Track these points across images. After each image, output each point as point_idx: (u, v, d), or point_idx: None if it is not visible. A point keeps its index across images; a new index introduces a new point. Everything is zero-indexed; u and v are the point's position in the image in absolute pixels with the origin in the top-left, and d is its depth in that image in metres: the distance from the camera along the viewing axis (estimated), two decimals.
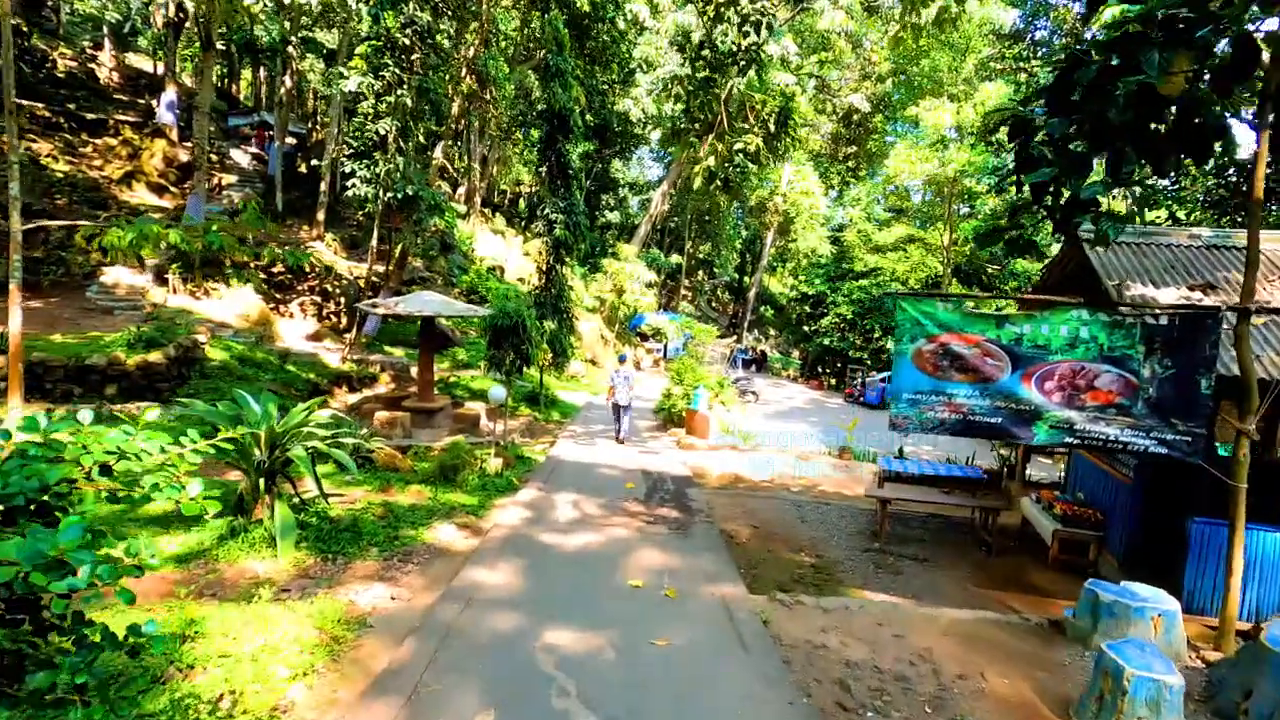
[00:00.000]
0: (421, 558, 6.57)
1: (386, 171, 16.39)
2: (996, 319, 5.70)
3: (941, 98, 28.35)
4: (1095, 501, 7.98)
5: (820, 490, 11.37)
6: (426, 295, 15.68)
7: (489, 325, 12.39)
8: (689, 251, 45.53)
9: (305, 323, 21.64)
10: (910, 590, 6.91)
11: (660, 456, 12.95)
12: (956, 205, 29.99)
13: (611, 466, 11.68)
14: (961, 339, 5.65)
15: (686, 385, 16.14)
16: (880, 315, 34.10)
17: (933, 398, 5.77)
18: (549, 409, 18.96)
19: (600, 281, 32.85)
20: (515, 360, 12.52)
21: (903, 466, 9.37)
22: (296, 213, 25.28)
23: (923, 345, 5.81)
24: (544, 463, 11.71)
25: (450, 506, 8.27)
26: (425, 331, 15.65)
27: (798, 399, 30.87)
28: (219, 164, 26.93)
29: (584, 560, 6.82)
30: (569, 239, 17.76)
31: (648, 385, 28.55)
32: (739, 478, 11.70)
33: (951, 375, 5.72)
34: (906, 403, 5.87)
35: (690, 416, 14.62)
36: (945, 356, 5.73)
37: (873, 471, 12.22)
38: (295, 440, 6.52)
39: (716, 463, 12.75)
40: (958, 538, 8.74)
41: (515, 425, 16.33)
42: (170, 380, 12.35)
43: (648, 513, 8.72)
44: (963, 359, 5.66)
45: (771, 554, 7.73)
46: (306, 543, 6.30)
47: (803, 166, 41.72)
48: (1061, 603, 6.55)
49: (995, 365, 5.58)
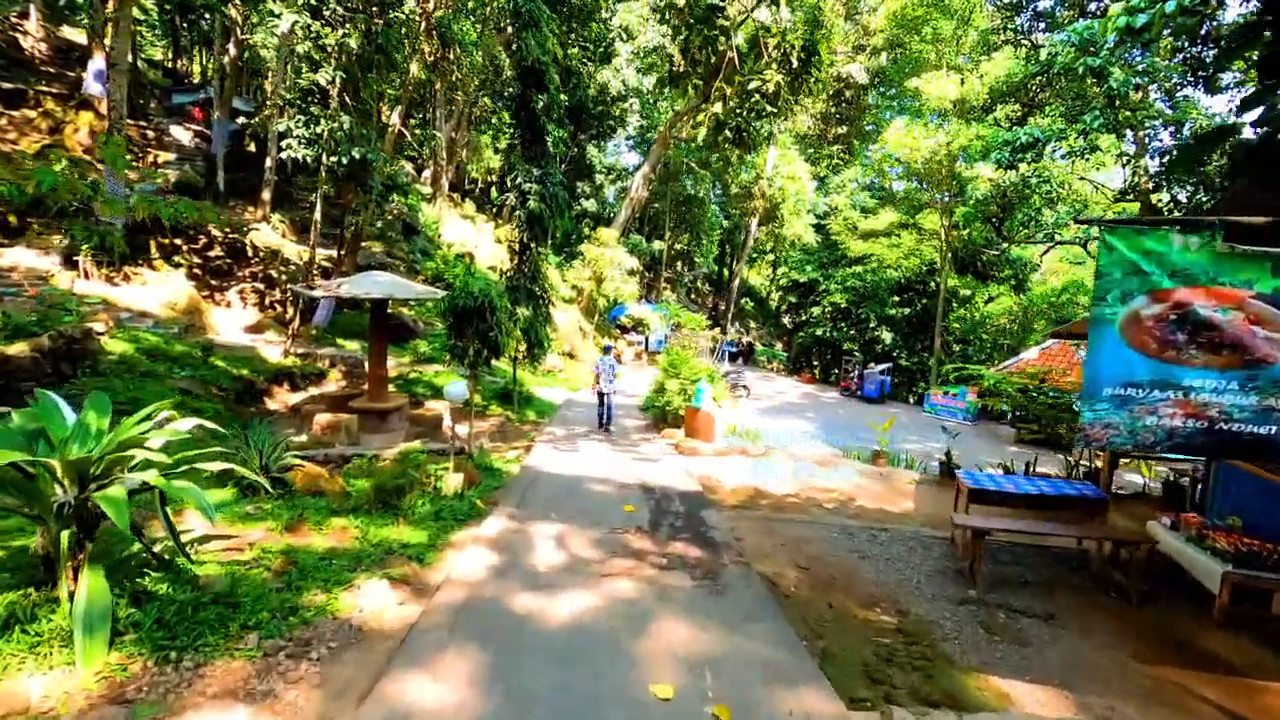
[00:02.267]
0: (326, 646, 4.23)
1: (330, 131, 13.86)
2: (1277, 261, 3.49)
3: (942, 69, 26.40)
4: (1260, 529, 5.91)
5: (859, 507, 9.21)
6: (377, 275, 13.30)
7: (448, 308, 10.03)
8: (668, 241, 43.26)
9: (245, 313, 19.27)
10: (1051, 669, 4.76)
11: (659, 465, 10.70)
12: (943, 193, 28.19)
13: (602, 480, 9.40)
14: (1212, 295, 3.46)
15: (684, 379, 13.90)
16: (875, 303, 32.18)
17: (1155, 393, 3.57)
18: (524, 408, 16.64)
19: (578, 269, 30.45)
20: (481, 351, 10.18)
21: (995, 483, 7.13)
22: (242, 194, 22.82)
23: (1142, 307, 3.60)
24: (517, 476, 9.40)
25: (386, 549, 5.93)
26: (377, 319, 13.30)
27: (790, 393, 28.83)
28: (156, 141, 24.31)
29: (578, 645, 4.53)
30: (544, 213, 15.41)
31: (630, 380, 26.28)
32: (759, 492, 9.49)
33: (1189, 357, 3.53)
34: (1111, 402, 3.65)
35: (691, 416, 12.37)
36: (1181, 325, 3.54)
37: (928, 481, 10.18)
38: (123, 468, 4.17)
39: (727, 471, 10.53)
40: (1069, 576, 6.60)
41: (485, 427, 14.01)
42: (43, 378, 9.79)
43: (658, 551, 6.46)
44: (1212, 329, 3.49)
45: (837, 613, 5.51)
46: (137, 632, 3.94)
47: (789, 150, 39.76)
48: (1276, 686, 4.47)
49: (1272, 339, 3.41)
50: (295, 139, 13.66)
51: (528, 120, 15.21)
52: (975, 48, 28.37)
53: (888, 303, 32.05)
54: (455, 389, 7.80)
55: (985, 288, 34.37)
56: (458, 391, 7.81)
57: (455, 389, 7.80)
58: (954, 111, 26.29)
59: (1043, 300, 31.88)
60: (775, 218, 38.74)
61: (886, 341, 32.14)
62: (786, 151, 39.11)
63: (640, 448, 12.26)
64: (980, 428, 23.68)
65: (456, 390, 7.79)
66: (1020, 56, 26.03)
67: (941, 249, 30.34)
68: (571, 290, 32.93)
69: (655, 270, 42.58)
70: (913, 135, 25.03)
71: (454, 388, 7.82)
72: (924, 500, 9.58)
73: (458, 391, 7.81)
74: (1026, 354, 21.90)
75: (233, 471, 5.10)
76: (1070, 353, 20.70)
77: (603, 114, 36.20)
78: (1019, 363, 21.72)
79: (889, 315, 31.92)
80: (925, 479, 10.55)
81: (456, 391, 7.79)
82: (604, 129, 39.16)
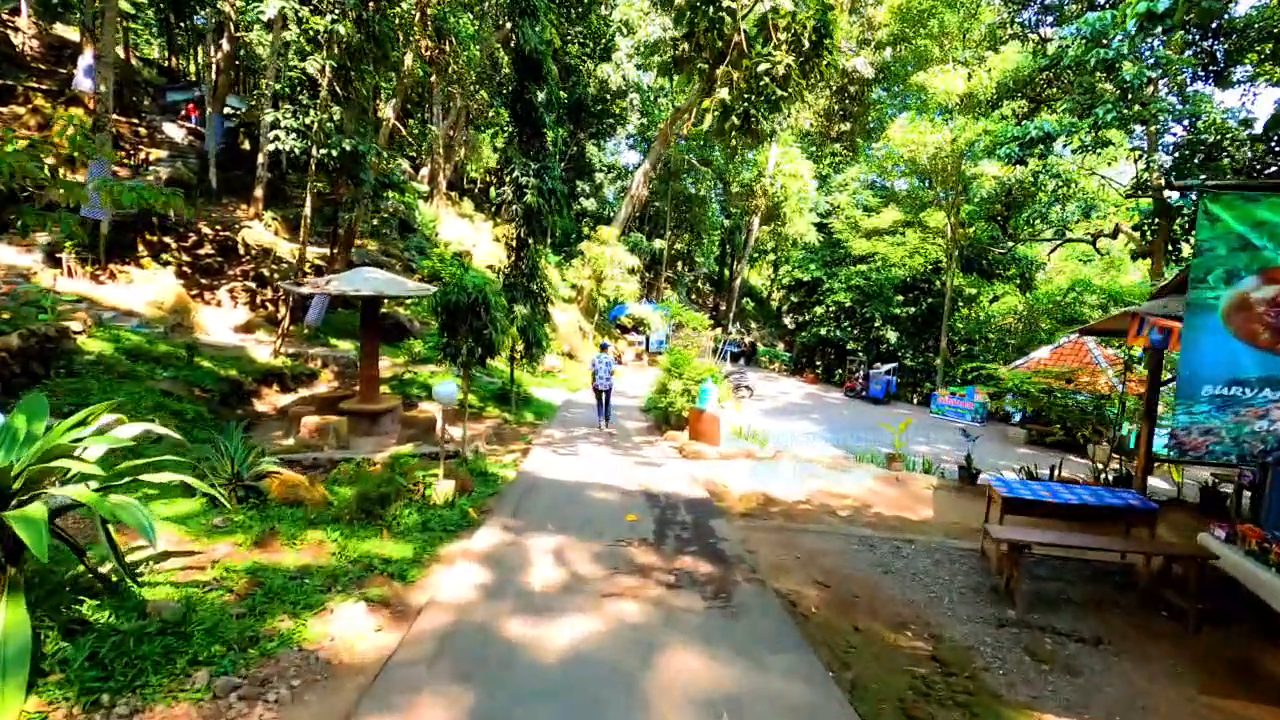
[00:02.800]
0: (287, 685, 3.69)
1: (320, 122, 13.33)
2: None
3: (948, 64, 25.84)
4: None
5: (876, 514, 8.68)
6: (369, 271, 12.82)
7: (440, 304, 9.50)
8: (668, 240, 42.68)
9: (235, 312, 18.79)
10: (1109, 704, 4.21)
11: (663, 470, 10.14)
12: (949, 190, 27.63)
13: (603, 486, 8.85)
14: None
15: (687, 380, 13.35)
16: (880, 302, 31.61)
17: (1267, 393, 3.01)
18: (521, 409, 16.11)
19: (577, 268, 29.89)
20: (475, 350, 9.65)
21: (1031, 492, 6.53)
22: (235, 192, 22.41)
23: (1251, 289, 3.01)
24: (513, 482, 8.85)
25: (366, 565, 5.38)
26: (368, 317, 12.83)
27: (794, 394, 28.29)
28: (148, 138, 23.86)
29: (576, 681, 3.97)
30: (542, 208, 14.88)
31: (631, 380, 25.75)
32: (768, 498, 8.94)
33: None
34: (1212, 403, 3.10)
35: (696, 418, 11.81)
36: None
37: (947, 487, 9.67)
38: (54, 481, 3.64)
39: (733, 476, 9.98)
40: (1115, 594, 6.04)
41: (480, 430, 13.49)
42: (11, 379, 9.25)
43: (665, 567, 5.91)
44: None
45: (864, 637, 4.96)
46: (65, 671, 3.40)
47: (790, 148, 39.19)
48: None
49: None
50: (284, 130, 13.13)
51: (525, 112, 14.69)
52: (981, 43, 27.83)
53: (892, 302, 31.48)
54: (444, 390, 7.26)
55: (990, 286, 33.82)
56: (447, 393, 7.26)
57: (444, 390, 7.26)
58: (960, 107, 25.77)
59: (1048, 299, 31.28)
60: (778, 216, 38.19)
61: (891, 341, 31.57)
62: (788, 149, 38.56)
63: (642, 451, 11.72)
64: (989, 429, 23.15)
65: (446, 391, 7.25)
66: (1028, 51, 25.54)
67: (947, 247, 29.80)
68: (571, 290, 32.38)
69: (655, 270, 42.04)
70: (918, 130, 24.46)
71: (443, 388, 7.28)
72: (944, 507, 9.04)
73: (447, 393, 7.26)
74: (1037, 353, 21.34)
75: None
76: (1084, 351, 20.15)
77: (602, 112, 35.65)
78: (1030, 362, 21.16)
79: (894, 314, 31.35)
80: (944, 484, 10.01)
81: (446, 393, 7.25)
82: (604, 128, 38.62)
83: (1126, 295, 30.21)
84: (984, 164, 25.31)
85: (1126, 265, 38.34)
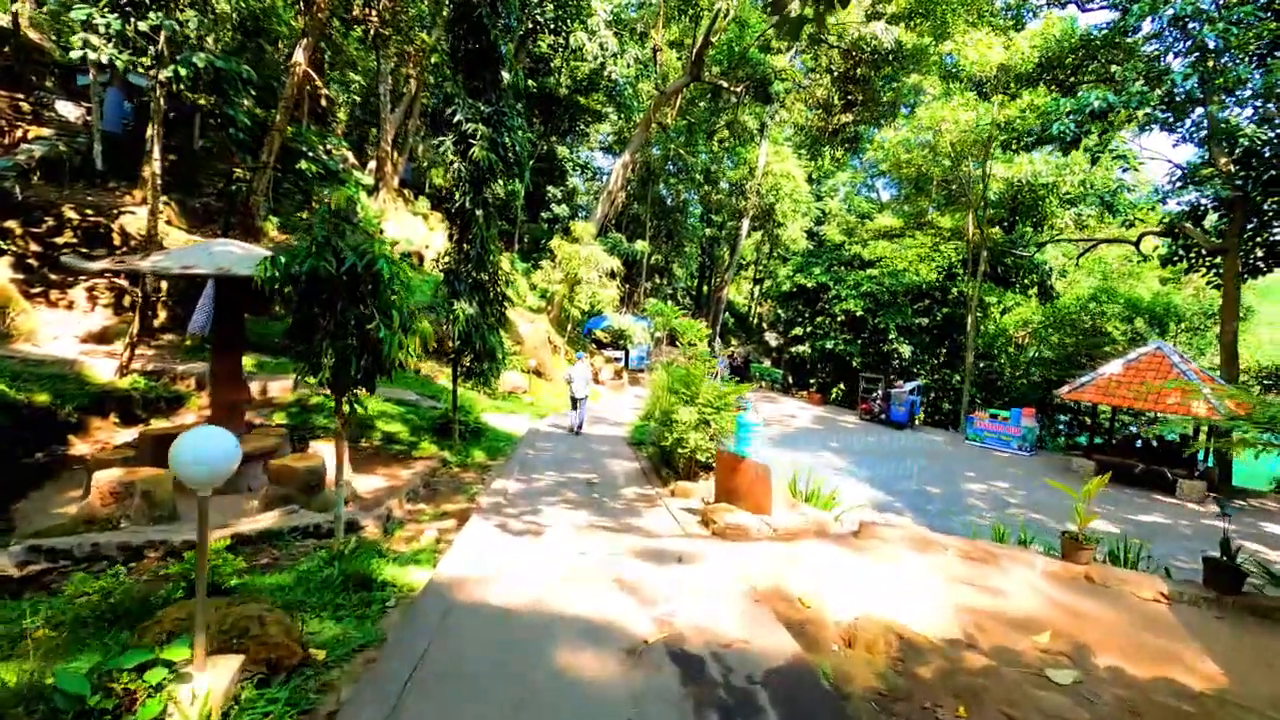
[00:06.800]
0: None
1: (164, 27, 8.94)
2: None
3: (981, 32, 22.23)
4: None
5: (1112, 672, 4.46)
6: (222, 243, 8.55)
7: (284, 276, 5.18)
8: (648, 249, 38.64)
9: (92, 316, 14.58)
10: None
11: (694, 573, 5.76)
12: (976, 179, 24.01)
13: (584, 628, 4.46)
14: None
15: (702, 406, 9.08)
16: (894, 311, 27.69)
17: None
18: (469, 445, 11.78)
19: (547, 270, 25.54)
20: (352, 357, 5.33)
21: None
22: (131, 177, 18.55)
23: None
24: (408, 614, 4.48)
25: None
26: (222, 309, 8.49)
27: (801, 417, 24.22)
28: (31, 115, 20.15)
29: None
30: (494, 164, 10.60)
31: (611, 403, 21.40)
32: (899, 636, 4.66)
33: None
34: None
35: (730, 468, 7.43)
36: None
37: (1193, 599, 5.35)
38: None
39: (816, 581, 5.65)
40: None
41: (404, 479, 9.18)
42: None
43: None
44: None
45: None
46: None
47: (781, 146, 35.58)
48: None
49: None
50: (99, 35, 8.68)
51: (472, 31, 10.45)
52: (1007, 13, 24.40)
53: (907, 311, 27.60)
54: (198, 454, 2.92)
55: (1006, 295, 30.20)
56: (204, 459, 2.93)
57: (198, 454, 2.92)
58: (993, 85, 22.15)
59: (1074, 308, 27.59)
60: (770, 218, 34.39)
61: (905, 355, 27.66)
62: (779, 148, 34.92)
63: (644, 520, 7.40)
64: (1040, 460, 19.26)
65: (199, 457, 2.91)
66: (1071, 19, 22.13)
67: (968, 249, 26.13)
68: (540, 299, 28.07)
69: (634, 280, 37.88)
70: (949, 106, 20.68)
71: (199, 445, 2.95)
72: (1225, 650, 4.86)
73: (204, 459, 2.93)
74: (1107, 368, 17.50)
75: None
76: (1166, 365, 16.35)
77: (575, 105, 31.49)
78: (1099, 379, 17.33)
79: (908, 325, 27.45)
80: (1182, 592, 5.74)
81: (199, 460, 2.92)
82: (576, 127, 34.49)
83: (1151, 307, 26.85)
84: (996, 167, 21.78)
85: (1145, 274, 35.09)
